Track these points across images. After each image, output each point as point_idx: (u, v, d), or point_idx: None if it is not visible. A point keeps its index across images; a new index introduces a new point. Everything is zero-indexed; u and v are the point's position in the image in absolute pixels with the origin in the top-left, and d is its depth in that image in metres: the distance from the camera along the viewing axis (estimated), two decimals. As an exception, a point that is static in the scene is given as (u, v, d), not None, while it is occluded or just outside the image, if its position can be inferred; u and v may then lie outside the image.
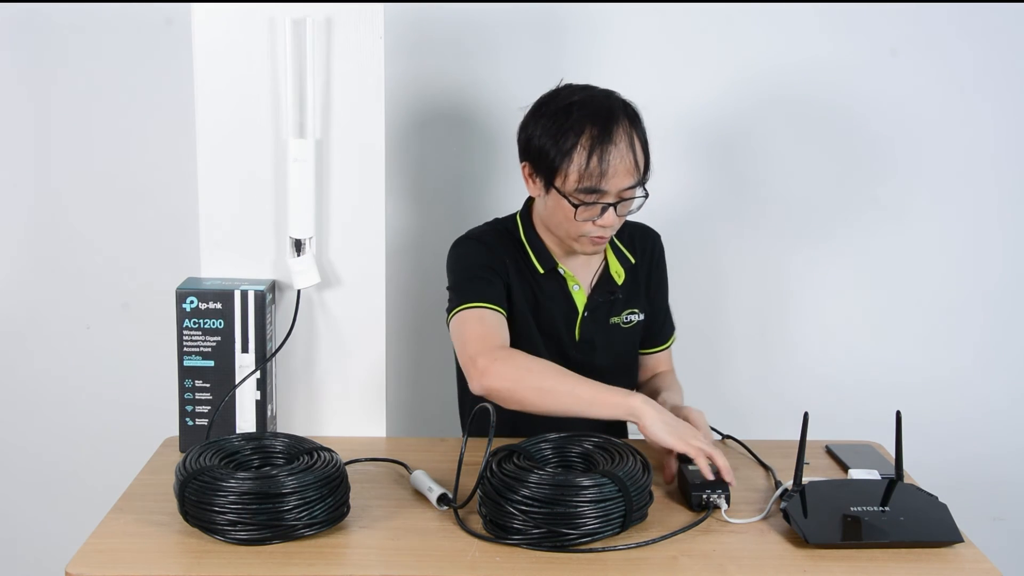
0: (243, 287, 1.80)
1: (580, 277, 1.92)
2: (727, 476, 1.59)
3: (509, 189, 2.40)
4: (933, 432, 2.46)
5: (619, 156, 1.73)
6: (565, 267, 1.90)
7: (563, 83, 1.83)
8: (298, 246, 1.87)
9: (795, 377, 2.51)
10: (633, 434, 2.04)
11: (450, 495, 1.58)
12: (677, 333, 2.10)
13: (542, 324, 1.90)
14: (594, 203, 1.76)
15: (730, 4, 2.33)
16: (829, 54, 2.37)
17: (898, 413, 1.58)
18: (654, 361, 2.07)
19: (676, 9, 2.33)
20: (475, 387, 1.71)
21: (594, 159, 1.73)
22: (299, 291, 1.88)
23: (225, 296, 1.79)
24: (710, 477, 1.58)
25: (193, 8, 1.82)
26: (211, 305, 1.79)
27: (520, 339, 1.86)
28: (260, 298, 1.80)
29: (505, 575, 1.40)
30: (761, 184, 2.43)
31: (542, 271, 1.89)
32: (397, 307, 2.04)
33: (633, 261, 1.96)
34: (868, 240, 2.46)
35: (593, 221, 1.78)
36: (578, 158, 1.74)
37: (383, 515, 1.57)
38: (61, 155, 2.37)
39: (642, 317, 1.98)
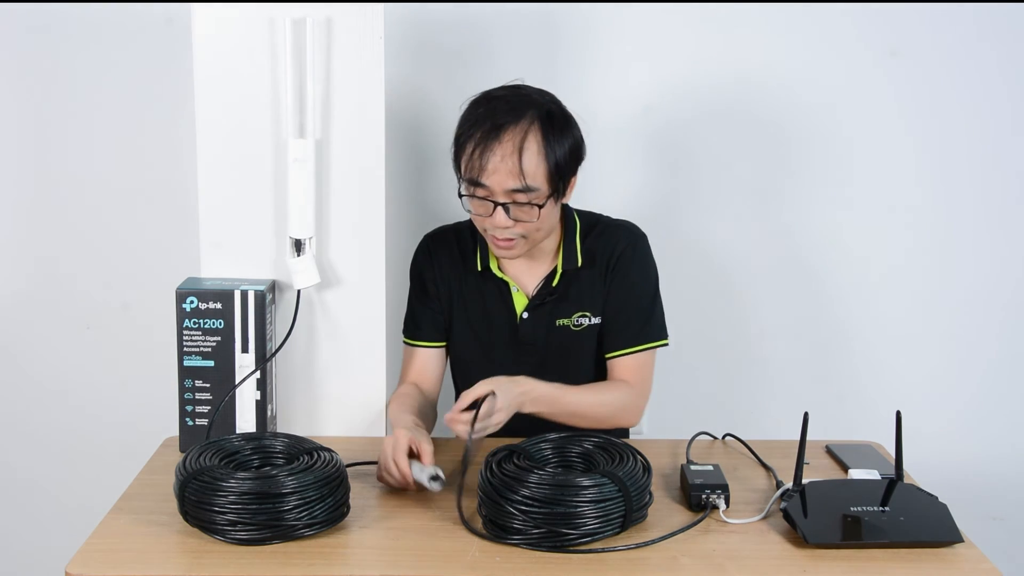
0: (243, 287, 1.80)
1: (525, 279, 1.92)
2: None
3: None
4: (933, 432, 2.46)
5: (501, 155, 1.72)
6: (507, 268, 1.92)
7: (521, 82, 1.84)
8: (298, 246, 1.86)
9: (795, 377, 2.50)
10: (633, 435, 2.05)
11: (442, 475, 1.58)
12: (678, 336, 2.07)
13: (483, 324, 1.94)
14: (481, 198, 1.76)
15: (728, 4, 2.32)
16: (829, 53, 2.37)
17: (898, 413, 1.58)
18: (616, 368, 1.92)
19: (678, 9, 2.32)
20: None
21: (476, 151, 1.74)
22: (299, 291, 1.88)
23: (225, 296, 1.79)
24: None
25: (193, 8, 1.82)
26: (211, 305, 1.79)
27: (469, 338, 1.95)
28: (260, 298, 1.80)
29: (505, 575, 1.40)
30: (769, 182, 2.43)
31: (479, 270, 1.92)
32: (397, 307, 2.05)
33: (580, 263, 1.91)
34: (870, 241, 2.45)
35: (486, 219, 1.78)
36: (468, 148, 1.76)
37: (383, 515, 1.57)
38: (61, 155, 2.37)
39: (596, 320, 1.92)
